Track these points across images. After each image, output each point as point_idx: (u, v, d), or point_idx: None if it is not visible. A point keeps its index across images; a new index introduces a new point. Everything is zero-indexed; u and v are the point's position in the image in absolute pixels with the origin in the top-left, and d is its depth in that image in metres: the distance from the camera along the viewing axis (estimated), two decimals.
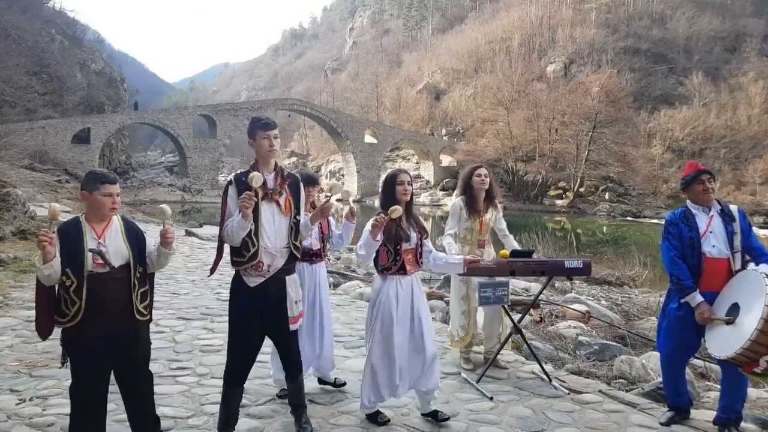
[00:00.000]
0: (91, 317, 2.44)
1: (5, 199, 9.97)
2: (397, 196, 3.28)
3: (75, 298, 2.42)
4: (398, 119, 61.88)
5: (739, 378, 3.22)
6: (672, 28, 58.03)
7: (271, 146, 2.98)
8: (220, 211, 2.94)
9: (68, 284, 2.42)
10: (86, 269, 2.43)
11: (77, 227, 2.49)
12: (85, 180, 2.54)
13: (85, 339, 2.46)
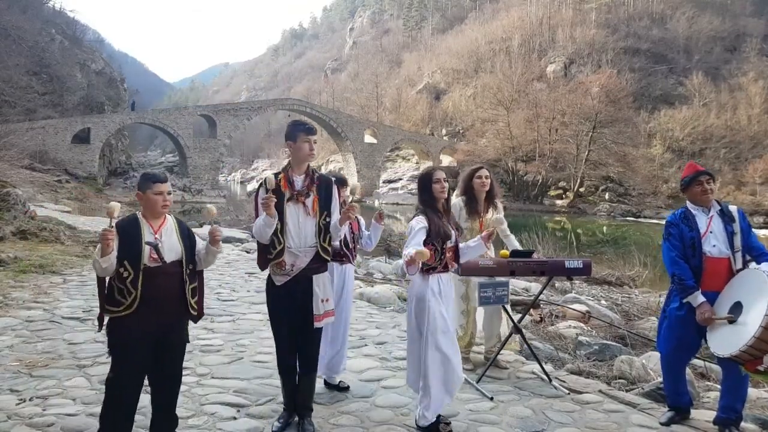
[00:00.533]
0: (145, 308, 2.59)
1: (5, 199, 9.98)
2: (435, 194, 3.28)
3: (131, 289, 2.58)
4: (398, 119, 61.89)
5: (740, 378, 3.22)
6: (672, 28, 58.03)
7: (311, 150, 3.16)
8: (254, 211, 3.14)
9: (125, 275, 2.57)
10: (143, 262, 2.60)
11: (136, 223, 2.67)
12: (139, 181, 2.74)
13: (134, 330, 2.60)
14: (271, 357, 4.44)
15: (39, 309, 5.63)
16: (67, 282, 7.07)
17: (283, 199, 3.08)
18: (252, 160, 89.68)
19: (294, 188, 3.11)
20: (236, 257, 10.22)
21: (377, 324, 5.65)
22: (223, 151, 49.75)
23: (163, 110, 52.53)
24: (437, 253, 3.16)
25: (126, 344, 2.61)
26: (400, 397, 3.73)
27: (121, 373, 2.61)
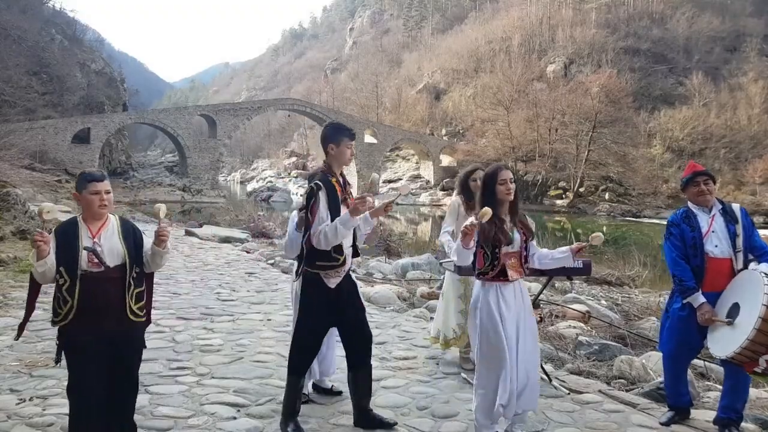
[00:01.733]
0: (84, 317, 2.45)
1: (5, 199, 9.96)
2: (499, 196, 2.98)
3: (67, 297, 2.44)
4: (398, 119, 61.88)
5: (742, 378, 3.21)
6: (672, 28, 58.01)
7: (352, 155, 3.21)
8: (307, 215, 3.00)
9: (61, 283, 2.44)
10: (80, 268, 2.45)
11: (73, 226, 2.51)
12: (76, 180, 2.59)
13: (78, 338, 2.47)
14: (271, 357, 4.45)
15: (39, 309, 5.59)
16: None
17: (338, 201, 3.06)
18: (252, 160, 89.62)
19: (346, 191, 3.15)
20: (236, 257, 10.22)
21: (377, 324, 5.65)
22: (223, 151, 49.82)
23: (163, 110, 52.54)
24: (487, 258, 2.91)
25: (74, 354, 2.49)
26: (400, 397, 3.73)
27: (79, 378, 2.49)
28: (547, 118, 47.29)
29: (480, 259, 2.93)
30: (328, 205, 2.98)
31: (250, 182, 71.08)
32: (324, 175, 3.07)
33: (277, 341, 4.89)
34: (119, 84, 56.08)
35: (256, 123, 75.40)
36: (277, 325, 5.47)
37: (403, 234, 19.59)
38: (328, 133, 3.15)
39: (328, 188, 3.01)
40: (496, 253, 2.91)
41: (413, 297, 7.29)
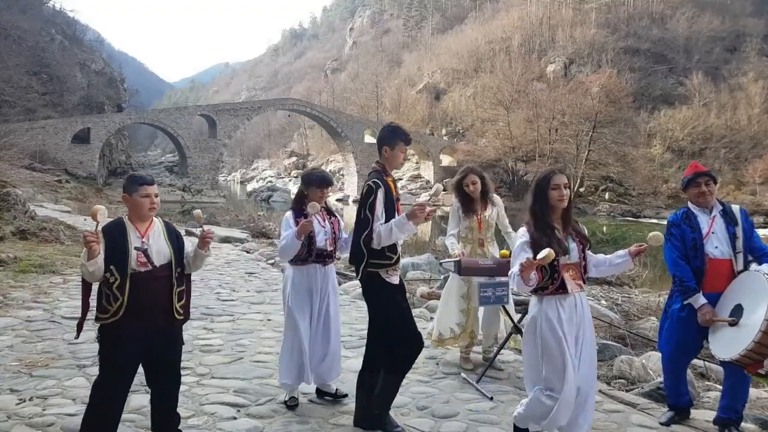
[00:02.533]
0: (132, 314, 2.54)
1: (5, 199, 9.97)
2: (551, 202, 2.75)
3: (118, 295, 2.53)
4: (398, 119, 61.76)
5: (742, 379, 3.21)
6: (672, 28, 58.01)
7: (404, 159, 3.25)
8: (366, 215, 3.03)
9: (112, 281, 2.53)
10: (130, 267, 2.54)
11: (121, 227, 2.60)
12: (125, 183, 2.67)
13: (123, 336, 2.55)
14: (271, 357, 4.44)
15: (39, 309, 5.63)
16: (67, 282, 7.06)
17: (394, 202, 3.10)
18: (252, 160, 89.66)
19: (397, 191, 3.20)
20: (236, 257, 10.22)
21: None
22: (223, 151, 49.79)
23: (163, 110, 52.55)
24: (545, 273, 2.68)
25: (116, 350, 2.56)
26: (400, 397, 3.71)
27: (114, 375, 2.57)
28: (547, 118, 47.29)
29: (538, 274, 2.65)
30: (384, 205, 3.02)
31: (250, 182, 71.10)
32: (380, 174, 3.10)
33: (277, 341, 4.87)
34: (119, 84, 56.06)
35: (256, 123, 75.39)
36: (277, 325, 5.47)
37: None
38: (384, 135, 3.19)
39: (386, 187, 3.04)
40: (554, 265, 2.67)
41: (413, 297, 7.28)
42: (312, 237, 3.46)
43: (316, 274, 3.55)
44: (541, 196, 2.78)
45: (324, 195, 3.61)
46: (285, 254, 3.44)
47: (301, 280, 3.52)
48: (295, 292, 3.52)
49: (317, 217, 3.52)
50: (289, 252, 3.40)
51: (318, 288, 3.56)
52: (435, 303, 6.61)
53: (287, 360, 3.50)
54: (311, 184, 3.56)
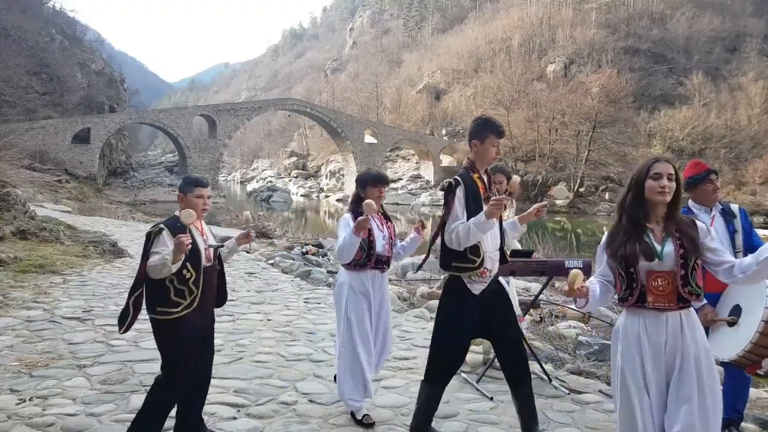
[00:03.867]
0: (202, 305, 2.76)
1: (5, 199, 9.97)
2: (646, 195, 2.24)
3: (194, 288, 2.71)
4: (398, 119, 61.89)
5: (743, 379, 3.21)
6: (672, 28, 58.03)
7: (497, 153, 2.98)
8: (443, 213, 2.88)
9: (188, 276, 2.69)
10: (202, 263, 2.76)
11: (184, 227, 2.72)
12: (181, 183, 2.85)
13: (195, 323, 2.73)
14: (271, 357, 4.45)
15: (39, 309, 5.63)
16: (67, 282, 7.06)
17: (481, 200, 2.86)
18: (252, 160, 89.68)
19: (487, 189, 2.93)
20: (236, 257, 10.22)
21: None
22: (223, 151, 49.78)
23: (163, 110, 52.55)
24: (622, 280, 2.20)
25: (189, 335, 2.71)
26: (400, 397, 3.72)
27: (179, 377, 2.70)
28: (547, 118, 47.30)
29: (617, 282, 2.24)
30: (465, 203, 2.82)
31: (250, 182, 71.09)
32: (465, 171, 2.92)
33: (277, 341, 4.89)
34: (119, 84, 56.08)
35: (256, 123, 75.41)
36: (277, 325, 5.47)
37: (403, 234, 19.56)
38: (473, 129, 2.97)
39: (468, 185, 2.84)
40: (631, 273, 2.17)
41: (413, 297, 7.29)
42: (372, 241, 3.29)
43: (374, 281, 3.36)
44: (636, 187, 2.27)
45: (381, 194, 3.41)
46: (343, 255, 3.22)
47: (360, 286, 3.31)
48: (354, 298, 3.29)
49: (375, 221, 3.37)
50: (348, 252, 3.18)
51: (375, 295, 3.36)
52: (435, 303, 6.62)
53: (350, 374, 3.25)
54: (367, 183, 3.38)
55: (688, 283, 2.16)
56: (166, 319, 2.66)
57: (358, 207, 3.25)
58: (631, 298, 2.18)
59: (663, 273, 2.15)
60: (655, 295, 2.15)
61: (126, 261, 9.07)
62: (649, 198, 2.24)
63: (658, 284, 2.15)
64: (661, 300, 2.15)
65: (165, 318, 2.66)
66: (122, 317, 2.66)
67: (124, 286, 7.02)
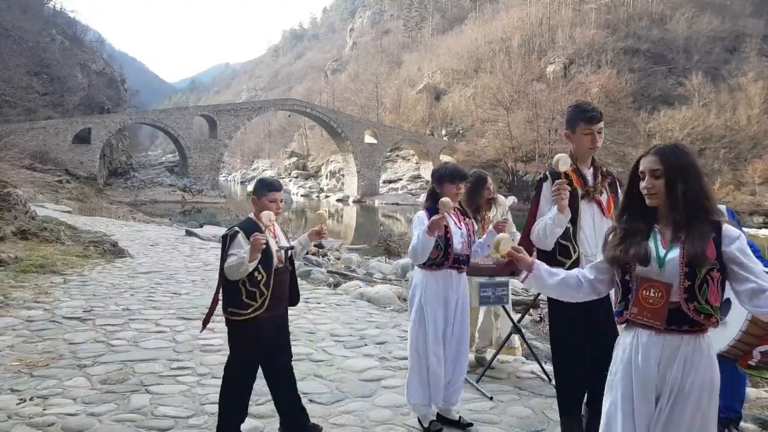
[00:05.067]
0: (271, 307, 2.81)
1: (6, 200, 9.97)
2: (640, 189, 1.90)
3: (264, 290, 2.77)
4: (398, 119, 61.88)
5: (738, 377, 3.21)
6: (672, 29, 58.00)
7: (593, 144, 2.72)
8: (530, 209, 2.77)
9: (259, 278, 2.76)
10: (274, 264, 2.83)
11: (259, 228, 2.80)
12: (256, 186, 2.94)
13: (265, 324, 2.81)
14: None
15: (39, 309, 5.63)
16: (68, 282, 7.07)
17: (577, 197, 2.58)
18: (252, 160, 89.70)
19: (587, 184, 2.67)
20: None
21: (377, 324, 5.66)
22: (223, 152, 49.78)
23: (164, 110, 52.53)
24: (618, 291, 1.91)
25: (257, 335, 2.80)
26: (400, 396, 3.72)
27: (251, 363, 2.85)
28: (547, 118, 47.28)
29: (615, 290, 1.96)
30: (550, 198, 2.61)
31: (251, 182, 71.10)
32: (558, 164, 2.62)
33: None
34: (120, 84, 56.08)
35: (257, 123, 75.41)
36: None
37: (403, 234, 19.60)
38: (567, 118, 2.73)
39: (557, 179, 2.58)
40: (626, 281, 1.86)
41: None
42: (449, 239, 3.09)
43: (452, 281, 3.14)
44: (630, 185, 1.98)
45: (459, 191, 3.21)
46: (416, 256, 3.04)
47: (436, 287, 3.11)
48: (429, 299, 3.09)
49: (452, 218, 3.18)
50: (422, 253, 2.99)
51: (453, 297, 3.15)
52: None
53: (418, 379, 3.10)
54: (444, 179, 3.18)
55: (694, 298, 1.76)
56: (237, 320, 2.77)
57: (434, 204, 3.08)
58: (626, 312, 1.86)
59: (658, 282, 1.80)
60: (641, 306, 1.81)
61: (126, 261, 9.08)
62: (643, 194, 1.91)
63: (648, 294, 1.81)
64: (647, 315, 1.79)
65: (236, 319, 2.77)
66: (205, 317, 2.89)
67: (124, 286, 7.03)
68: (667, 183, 1.83)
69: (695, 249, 1.76)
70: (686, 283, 1.78)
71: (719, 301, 1.78)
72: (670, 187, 1.82)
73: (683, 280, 1.78)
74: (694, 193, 1.81)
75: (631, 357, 1.83)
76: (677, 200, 1.82)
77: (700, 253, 1.76)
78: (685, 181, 1.81)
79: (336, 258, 11.87)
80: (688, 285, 1.77)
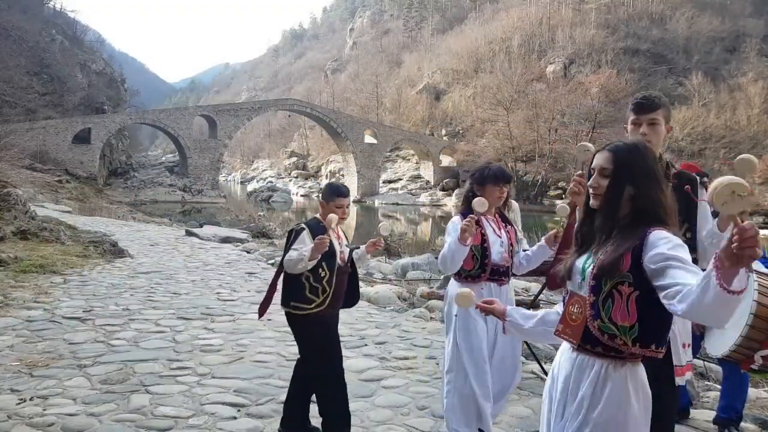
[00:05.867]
0: (332, 303, 2.92)
1: (6, 200, 9.97)
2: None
3: (326, 287, 2.90)
4: (398, 119, 61.89)
5: (740, 378, 3.22)
6: (672, 29, 58.01)
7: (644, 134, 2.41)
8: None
9: (322, 275, 2.89)
10: (337, 263, 2.95)
11: (324, 230, 2.91)
12: (324, 191, 3.08)
13: (328, 319, 2.94)
14: (271, 357, 4.45)
15: (39, 309, 5.63)
16: (68, 282, 7.07)
17: None
18: (252, 160, 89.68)
19: None
20: (236, 257, 10.23)
21: (377, 324, 5.66)
22: (223, 152, 49.78)
23: (164, 110, 52.53)
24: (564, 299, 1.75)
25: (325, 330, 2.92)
26: (400, 396, 3.73)
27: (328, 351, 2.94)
28: (547, 118, 47.29)
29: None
30: None
31: (251, 182, 71.09)
32: None
33: (278, 341, 4.89)
34: (120, 84, 56.09)
35: (257, 123, 75.40)
36: (277, 325, 5.47)
37: (403, 234, 19.59)
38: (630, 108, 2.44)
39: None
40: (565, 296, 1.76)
41: (413, 297, 7.30)
42: (486, 248, 2.78)
43: (491, 296, 2.77)
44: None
45: (502, 194, 2.91)
46: (446, 265, 2.75)
47: None
48: (465, 317, 2.77)
49: (490, 223, 2.88)
50: (451, 262, 2.70)
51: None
52: (434, 303, 6.62)
53: (459, 404, 2.76)
54: (486, 180, 2.88)
55: (598, 314, 1.58)
56: (299, 314, 2.90)
57: (470, 209, 2.70)
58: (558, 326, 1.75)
59: (578, 297, 1.67)
60: (566, 323, 1.68)
61: (126, 261, 9.08)
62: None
63: (573, 310, 1.68)
64: (568, 331, 1.67)
65: (297, 313, 2.90)
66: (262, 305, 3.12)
67: (124, 286, 7.03)
68: (612, 184, 1.63)
69: (603, 259, 1.59)
70: (591, 297, 1.61)
71: (630, 321, 1.54)
72: (614, 189, 1.63)
73: (589, 294, 1.62)
74: (645, 200, 1.60)
75: (554, 370, 1.73)
76: (617, 205, 1.62)
77: (607, 264, 1.57)
78: (636, 185, 1.61)
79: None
80: (593, 300, 1.60)
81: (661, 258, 1.48)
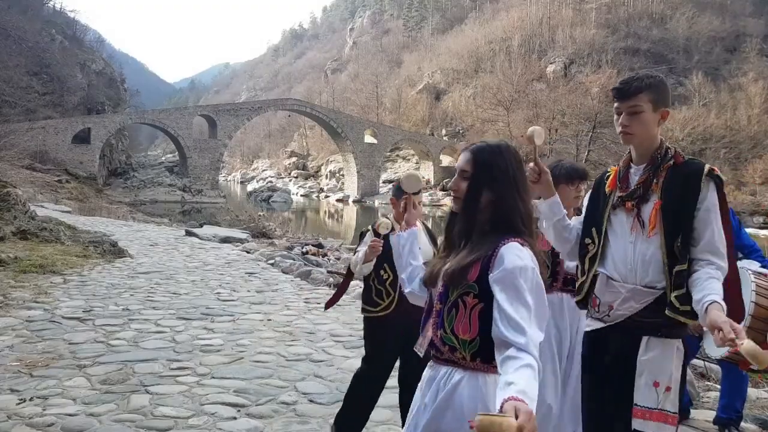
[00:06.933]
0: (399, 308, 2.78)
1: (6, 199, 9.97)
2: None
3: (390, 290, 2.81)
4: (398, 119, 61.88)
5: (740, 377, 3.21)
6: (672, 29, 58.00)
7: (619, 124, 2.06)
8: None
9: (385, 278, 2.82)
10: None
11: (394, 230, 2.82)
12: (395, 188, 2.96)
13: (393, 323, 2.81)
14: (271, 357, 4.45)
15: (39, 309, 5.63)
16: (68, 282, 7.06)
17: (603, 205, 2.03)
18: (252, 160, 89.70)
19: (626, 187, 1.97)
20: (236, 257, 10.22)
21: None
22: (223, 152, 49.79)
23: (164, 110, 52.53)
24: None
25: (382, 345, 2.84)
26: None
27: (375, 370, 2.86)
28: (547, 118, 47.31)
29: None
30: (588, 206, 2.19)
31: (251, 182, 71.11)
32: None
33: (277, 341, 4.89)
34: (120, 84, 56.10)
35: (257, 123, 75.38)
36: (277, 325, 5.47)
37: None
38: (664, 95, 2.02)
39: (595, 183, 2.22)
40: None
41: None
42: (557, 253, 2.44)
43: (563, 307, 2.54)
44: None
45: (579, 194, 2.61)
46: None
47: None
48: None
49: None
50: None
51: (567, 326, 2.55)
52: None
53: None
54: (559, 179, 2.51)
55: (442, 325, 1.52)
56: (368, 316, 2.88)
57: None
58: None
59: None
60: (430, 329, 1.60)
61: (126, 261, 9.07)
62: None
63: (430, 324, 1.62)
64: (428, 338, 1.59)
65: (367, 315, 2.88)
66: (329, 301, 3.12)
67: (124, 286, 7.03)
68: (470, 187, 1.55)
69: (451, 266, 1.52)
70: (438, 305, 1.55)
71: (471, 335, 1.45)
72: (472, 193, 1.54)
73: (437, 302, 1.56)
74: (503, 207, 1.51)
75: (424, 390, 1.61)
76: (475, 209, 1.54)
77: (453, 272, 1.50)
78: (495, 190, 1.52)
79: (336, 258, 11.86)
80: (439, 308, 1.54)
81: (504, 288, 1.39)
